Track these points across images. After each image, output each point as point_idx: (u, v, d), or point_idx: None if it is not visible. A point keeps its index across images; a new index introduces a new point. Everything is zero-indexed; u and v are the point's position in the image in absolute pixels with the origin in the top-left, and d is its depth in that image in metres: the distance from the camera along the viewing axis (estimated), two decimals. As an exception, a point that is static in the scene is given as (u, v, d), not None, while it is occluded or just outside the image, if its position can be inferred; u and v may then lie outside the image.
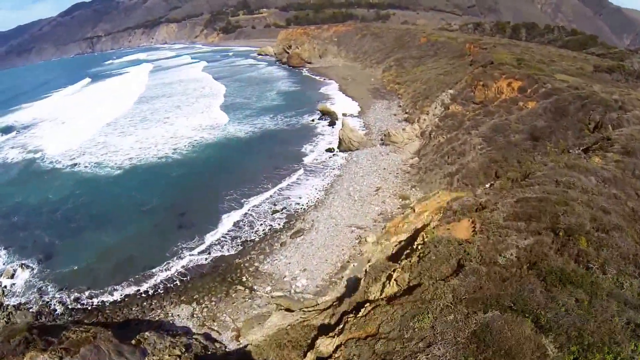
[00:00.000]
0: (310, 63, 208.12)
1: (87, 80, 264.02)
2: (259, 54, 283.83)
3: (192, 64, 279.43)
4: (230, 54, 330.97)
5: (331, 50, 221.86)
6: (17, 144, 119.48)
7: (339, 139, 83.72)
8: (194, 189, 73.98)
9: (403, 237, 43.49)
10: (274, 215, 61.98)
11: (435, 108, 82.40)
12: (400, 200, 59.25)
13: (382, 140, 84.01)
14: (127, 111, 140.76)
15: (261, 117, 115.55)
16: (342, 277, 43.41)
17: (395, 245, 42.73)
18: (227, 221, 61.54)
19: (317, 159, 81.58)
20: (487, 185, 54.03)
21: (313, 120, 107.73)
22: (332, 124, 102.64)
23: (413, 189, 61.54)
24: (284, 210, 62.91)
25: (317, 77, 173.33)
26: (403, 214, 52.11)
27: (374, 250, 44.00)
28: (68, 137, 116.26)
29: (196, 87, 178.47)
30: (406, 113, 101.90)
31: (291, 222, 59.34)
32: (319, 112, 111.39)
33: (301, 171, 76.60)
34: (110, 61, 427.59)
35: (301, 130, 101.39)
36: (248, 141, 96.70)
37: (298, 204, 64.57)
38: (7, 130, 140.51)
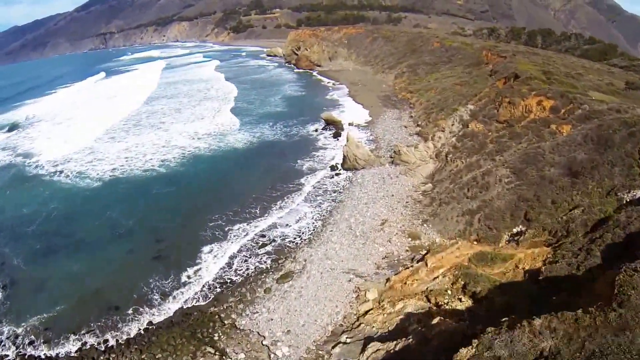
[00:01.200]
0: (319, 66, 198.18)
1: (98, 76, 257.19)
2: (268, 55, 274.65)
3: (202, 63, 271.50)
4: (244, 53, 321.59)
5: (341, 53, 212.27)
6: (9, 146, 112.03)
7: (343, 155, 73.69)
8: (176, 211, 64.59)
9: (410, 306, 33.84)
10: (261, 249, 52.26)
11: (453, 124, 72.45)
12: (410, 239, 49.09)
13: (391, 158, 74.02)
14: (128, 115, 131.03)
15: (261, 125, 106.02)
16: (331, 355, 33.61)
17: (400, 318, 33.09)
18: (208, 256, 51.92)
19: (316, 179, 71.74)
20: (515, 231, 45.32)
21: (316, 131, 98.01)
22: (336, 135, 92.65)
23: (425, 225, 51.29)
24: (273, 244, 53.15)
25: (326, 81, 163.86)
26: (412, 264, 42.63)
27: (373, 319, 34.36)
28: (60, 141, 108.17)
29: (201, 88, 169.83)
30: (418, 126, 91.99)
31: (280, 261, 49.49)
32: (323, 121, 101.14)
33: (298, 194, 66.83)
34: (123, 57, 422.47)
35: (302, 142, 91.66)
36: (244, 154, 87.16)
37: (290, 236, 54.83)
38: (3, 129, 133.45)
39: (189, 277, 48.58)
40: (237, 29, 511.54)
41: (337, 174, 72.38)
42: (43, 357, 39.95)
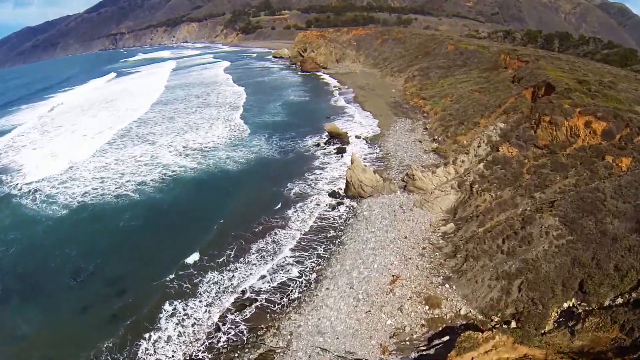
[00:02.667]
0: (325, 68, 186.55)
1: (104, 78, 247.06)
2: (274, 56, 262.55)
3: (208, 65, 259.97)
4: (253, 55, 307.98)
5: (349, 55, 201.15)
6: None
7: (347, 181, 61.56)
8: (143, 252, 53.32)
9: None
10: (236, 313, 40.35)
11: (479, 146, 60.62)
12: (427, 307, 37.01)
13: (403, 182, 62.32)
14: (123, 127, 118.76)
15: (257, 138, 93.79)
16: None
17: None
18: (169, 322, 40.37)
19: (313, 210, 59.46)
20: (567, 306, 33.53)
21: (318, 145, 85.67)
22: (341, 151, 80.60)
23: (447, 286, 39.12)
24: (252, 305, 41.25)
25: (332, 85, 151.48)
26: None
27: None
28: (45, 153, 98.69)
29: (200, 93, 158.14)
30: (434, 141, 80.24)
31: (259, 333, 37.69)
32: (326, 133, 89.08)
33: (288, 232, 54.60)
34: (133, 58, 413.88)
35: (302, 160, 79.18)
36: (233, 175, 74.95)
37: (275, 293, 42.89)
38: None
39: (146, 349, 37.40)
40: (246, 30, 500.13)
41: (338, 203, 60.25)
42: None
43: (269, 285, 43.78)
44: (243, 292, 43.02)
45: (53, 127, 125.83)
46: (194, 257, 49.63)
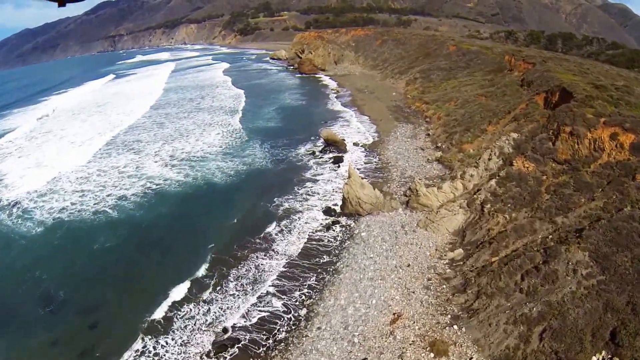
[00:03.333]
0: (323, 70, 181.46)
1: (101, 81, 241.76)
2: (271, 58, 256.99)
3: (202, 68, 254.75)
4: (252, 56, 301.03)
5: (348, 57, 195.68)
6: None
7: (343, 197, 55.98)
8: (116, 278, 47.73)
9: None
10: (215, 358, 34.78)
11: (490, 159, 54.91)
12: (432, 354, 31.26)
13: (406, 196, 56.96)
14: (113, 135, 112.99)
15: (250, 146, 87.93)
16: None
17: None
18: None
19: (304, 231, 53.53)
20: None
21: (313, 154, 79.89)
22: (337, 160, 74.84)
23: (455, 327, 33.34)
24: (233, 347, 35.49)
25: (330, 88, 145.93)
26: None
27: None
28: (31, 163, 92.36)
29: (193, 96, 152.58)
30: (438, 148, 74.87)
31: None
32: (322, 140, 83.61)
33: (276, 259, 48.57)
34: (131, 59, 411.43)
35: (295, 171, 73.17)
36: (221, 189, 68.87)
37: (259, 333, 37.04)
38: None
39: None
40: (244, 31, 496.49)
41: (334, 222, 54.39)
42: None
43: (253, 323, 38.04)
44: (224, 330, 37.38)
45: (42, 133, 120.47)
46: (168, 286, 43.96)
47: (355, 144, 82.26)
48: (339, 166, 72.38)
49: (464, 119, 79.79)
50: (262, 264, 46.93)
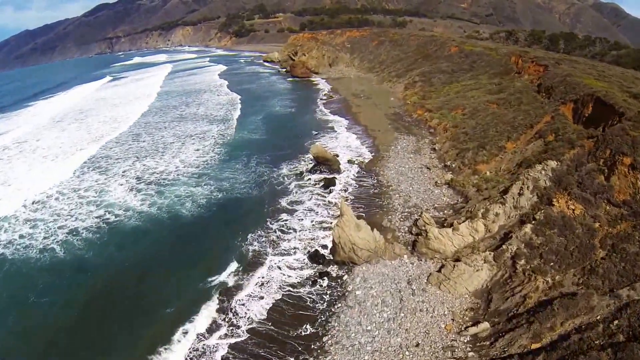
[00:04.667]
0: (317, 73, 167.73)
1: (99, 83, 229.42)
2: (264, 61, 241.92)
3: (195, 71, 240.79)
4: (242, 60, 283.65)
5: (343, 59, 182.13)
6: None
7: (334, 242, 42.27)
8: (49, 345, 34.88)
9: None
10: None
11: (521, 194, 41.08)
12: None
13: (412, 234, 44.00)
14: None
15: (230, 164, 73.70)
16: None
17: None
18: None
19: (278, 287, 39.69)
20: None
21: (301, 174, 65.78)
22: (328, 183, 60.62)
23: None
24: None
25: (323, 93, 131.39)
26: None
27: None
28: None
29: (178, 103, 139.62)
30: (447, 167, 61.83)
31: None
32: (311, 157, 69.14)
33: (240, 323, 35.17)
34: (127, 62, 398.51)
35: (276, 197, 58.84)
36: (187, 227, 53.48)
37: None
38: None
39: None
40: (239, 33, 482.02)
41: (321, 274, 40.53)
42: None
43: None
44: None
45: (19, 142, 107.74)
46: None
47: (350, 162, 68.63)
48: (330, 191, 58.50)
49: (476, 133, 66.30)
50: (206, 345, 33.58)
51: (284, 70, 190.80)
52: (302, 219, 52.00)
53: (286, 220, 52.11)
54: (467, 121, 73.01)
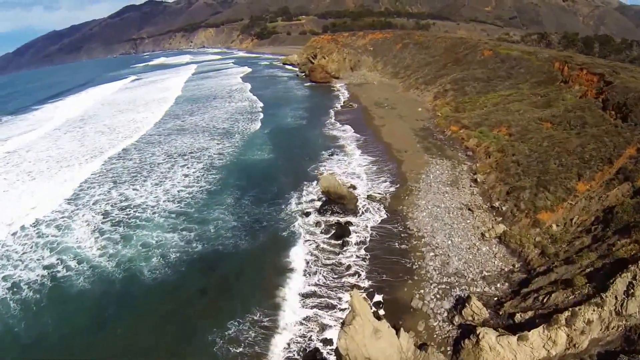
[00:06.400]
0: (337, 78, 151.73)
1: (122, 82, 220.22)
2: (283, 63, 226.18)
3: (211, 73, 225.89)
4: (267, 62, 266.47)
5: (365, 62, 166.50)
6: None
7: (338, 353, 26.36)
8: None
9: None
10: None
11: (632, 293, 24.75)
12: None
13: (455, 328, 29.67)
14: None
15: (222, 198, 57.15)
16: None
17: None
18: None
19: None
20: None
21: (307, 215, 49.79)
22: (341, 234, 44.63)
23: None
24: None
25: (342, 100, 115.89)
26: None
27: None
28: None
29: (183, 112, 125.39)
30: (494, 210, 46.13)
31: None
32: (320, 192, 52.78)
33: None
34: (156, 61, 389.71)
35: (270, 256, 42.60)
36: (141, 301, 38.09)
37: None
38: None
39: None
40: (261, 35, 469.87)
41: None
42: None
43: None
44: None
45: (7, 153, 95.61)
46: None
47: (370, 198, 52.62)
48: (342, 244, 42.80)
49: (531, 164, 49.84)
50: None
51: (303, 74, 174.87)
52: (304, 298, 36.17)
53: (278, 298, 36.36)
54: (516, 145, 56.65)
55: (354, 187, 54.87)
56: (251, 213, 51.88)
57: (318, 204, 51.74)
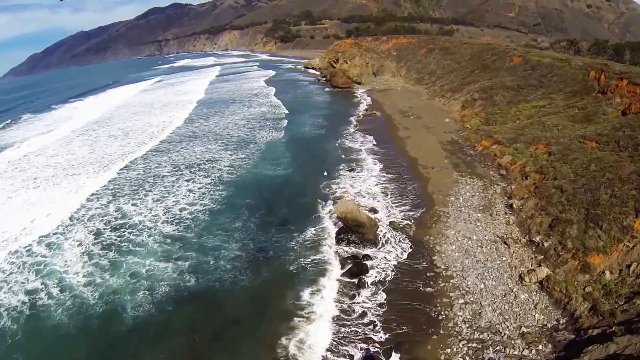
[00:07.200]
0: (359, 83, 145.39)
1: (146, 83, 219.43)
2: (305, 67, 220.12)
3: (229, 77, 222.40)
4: (288, 65, 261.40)
5: (388, 67, 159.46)
6: None
7: None
8: None
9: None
10: None
11: None
12: None
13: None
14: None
15: (221, 225, 49.19)
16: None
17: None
18: None
19: None
20: None
21: (319, 245, 43.02)
22: (358, 271, 37.84)
23: None
24: None
25: (363, 108, 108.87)
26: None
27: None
28: None
29: (198, 116, 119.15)
30: (533, 245, 38.95)
31: None
32: (336, 217, 45.81)
33: None
34: (180, 62, 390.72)
35: (275, 296, 35.81)
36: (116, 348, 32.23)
37: None
38: None
39: None
40: (284, 39, 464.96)
41: None
42: None
43: None
44: None
45: (15, 161, 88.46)
46: None
47: (393, 225, 45.81)
48: (359, 285, 36.13)
49: (577, 192, 41.70)
50: None
51: (324, 78, 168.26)
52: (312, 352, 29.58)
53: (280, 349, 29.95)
54: (558, 167, 49.09)
55: (375, 211, 48.33)
56: (257, 240, 45.18)
57: (333, 231, 45.06)
